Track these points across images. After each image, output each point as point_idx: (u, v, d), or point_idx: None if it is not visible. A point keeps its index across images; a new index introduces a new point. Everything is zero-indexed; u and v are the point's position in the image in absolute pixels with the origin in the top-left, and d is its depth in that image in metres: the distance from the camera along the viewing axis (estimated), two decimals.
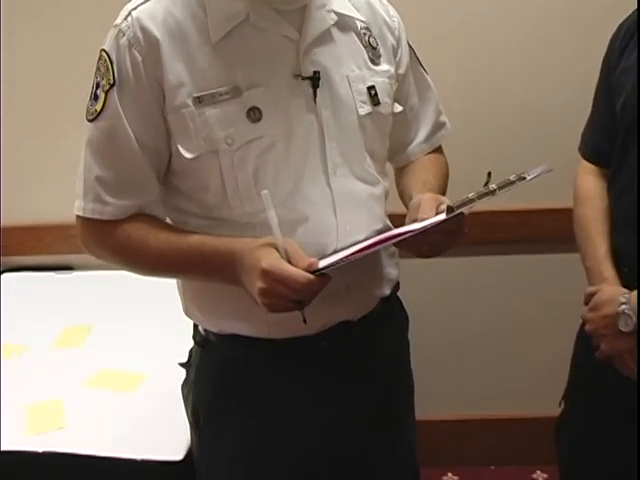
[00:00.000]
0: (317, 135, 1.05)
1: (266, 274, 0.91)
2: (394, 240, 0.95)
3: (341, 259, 0.92)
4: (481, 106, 1.98)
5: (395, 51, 1.19)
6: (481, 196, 0.96)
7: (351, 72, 1.09)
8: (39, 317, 1.90)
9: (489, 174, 1.00)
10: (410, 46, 1.24)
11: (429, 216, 1.01)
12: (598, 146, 1.38)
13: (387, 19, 1.18)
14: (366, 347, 1.14)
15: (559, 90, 1.95)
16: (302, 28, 1.04)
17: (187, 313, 1.16)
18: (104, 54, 1.01)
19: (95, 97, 1.03)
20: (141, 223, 1.05)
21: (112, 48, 1.00)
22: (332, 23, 1.08)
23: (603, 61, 1.38)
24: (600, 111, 1.38)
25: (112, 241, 1.05)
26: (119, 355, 1.71)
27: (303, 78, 1.04)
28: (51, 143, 2.04)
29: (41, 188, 2.09)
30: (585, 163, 1.42)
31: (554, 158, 1.37)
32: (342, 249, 1.01)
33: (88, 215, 1.04)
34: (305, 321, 0.93)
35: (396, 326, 1.25)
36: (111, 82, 1.00)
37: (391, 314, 1.21)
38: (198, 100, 1.00)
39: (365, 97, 1.10)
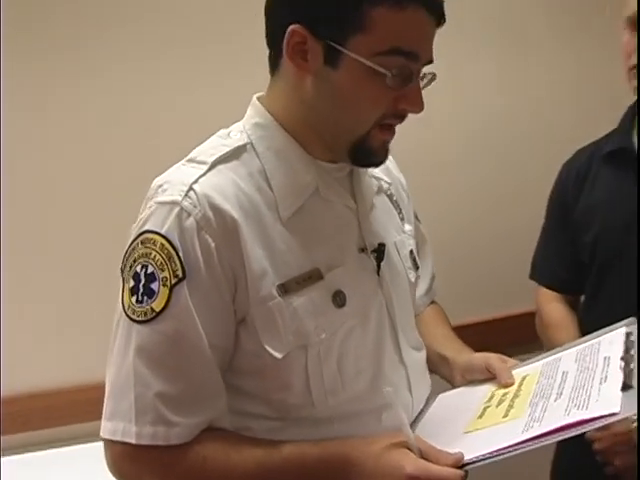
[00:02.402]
0: (386, 311, 0.98)
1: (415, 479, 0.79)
2: (565, 434, 0.84)
3: (491, 453, 0.82)
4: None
5: (408, 208, 1.15)
6: None
7: (396, 238, 1.04)
8: None
9: None
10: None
11: (510, 379, 0.98)
12: (558, 275, 1.47)
13: (398, 175, 1.15)
14: None
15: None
16: (355, 196, 0.97)
17: None
18: (160, 239, 0.82)
19: (147, 293, 0.82)
20: (215, 441, 0.85)
21: (173, 231, 0.82)
22: (376, 189, 1.02)
23: (553, 200, 1.49)
24: (557, 244, 1.46)
25: (182, 469, 0.83)
26: None
27: (368, 251, 0.96)
28: None
29: None
30: (546, 291, 1.49)
31: None
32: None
33: (146, 442, 0.81)
34: None
35: None
36: (180, 275, 0.81)
37: None
38: (283, 289, 0.86)
39: (410, 263, 1.07)
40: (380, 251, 0.97)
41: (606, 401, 0.81)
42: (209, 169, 0.86)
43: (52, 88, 1.52)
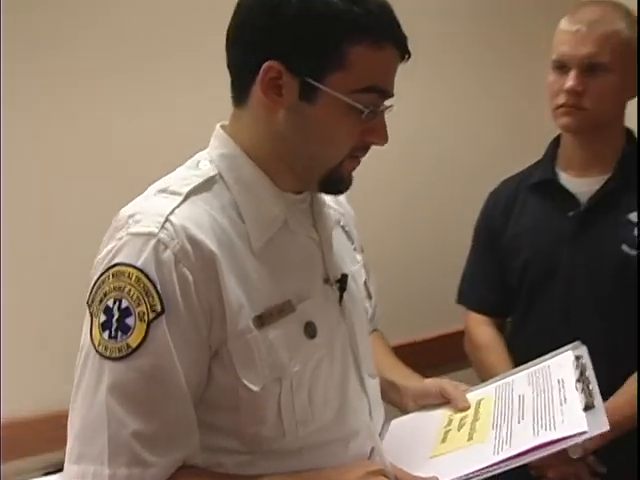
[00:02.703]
0: (348, 341, 0.98)
1: None
2: (541, 454, 0.88)
3: (466, 475, 0.85)
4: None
5: (357, 238, 1.17)
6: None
7: (352, 268, 1.05)
8: None
9: None
10: None
11: (466, 403, 1.02)
12: (486, 299, 1.54)
13: (347, 206, 1.16)
14: None
15: None
16: (317, 227, 0.98)
17: None
18: (135, 272, 0.79)
19: (122, 328, 0.79)
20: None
21: (150, 264, 0.79)
22: (334, 220, 1.04)
23: (480, 227, 1.57)
24: (485, 269, 1.54)
25: None
26: None
27: (332, 282, 0.97)
28: None
29: None
30: (474, 314, 1.56)
31: None
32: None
33: None
34: None
35: None
36: (158, 309, 0.78)
37: None
38: (259, 321, 0.85)
39: (364, 293, 1.08)
40: (343, 281, 0.98)
41: (572, 421, 0.86)
42: (183, 200, 0.84)
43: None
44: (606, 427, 0.84)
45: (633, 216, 1.32)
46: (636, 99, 1.36)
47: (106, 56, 1.52)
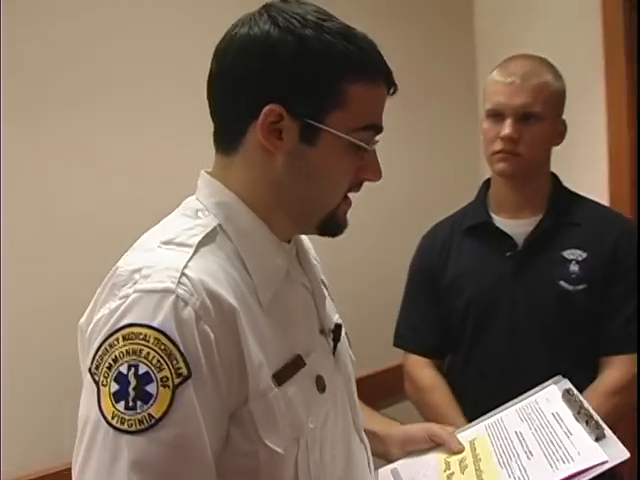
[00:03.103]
0: (346, 392, 0.96)
1: None
2: None
3: None
4: None
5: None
6: None
7: (335, 317, 1.02)
8: None
9: None
10: None
11: (460, 445, 1.04)
12: (426, 341, 1.57)
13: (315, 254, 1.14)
14: None
15: None
16: (307, 274, 0.95)
17: None
18: (154, 333, 0.70)
19: (141, 397, 0.70)
20: None
21: (169, 324, 0.71)
22: (318, 268, 1.01)
23: (416, 270, 1.60)
24: (423, 310, 1.57)
25: None
26: None
27: (327, 333, 0.95)
28: None
29: None
30: (413, 357, 1.58)
31: None
32: None
33: None
34: None
35: None
36: (184, 373, 0.71)
37: None
38: (277, 379, 0.80)
39: (347, 342, 1.05)
40: (337, 332, 0.96)
41: (589, 452, 0.88)
42: (194, 252, 0.78)
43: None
44: (627, 455, 0.87)
45: (567, 253, 1.41)
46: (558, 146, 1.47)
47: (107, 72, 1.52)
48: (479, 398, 1.29)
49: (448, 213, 1.64)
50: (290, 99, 0.80)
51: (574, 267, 1.40)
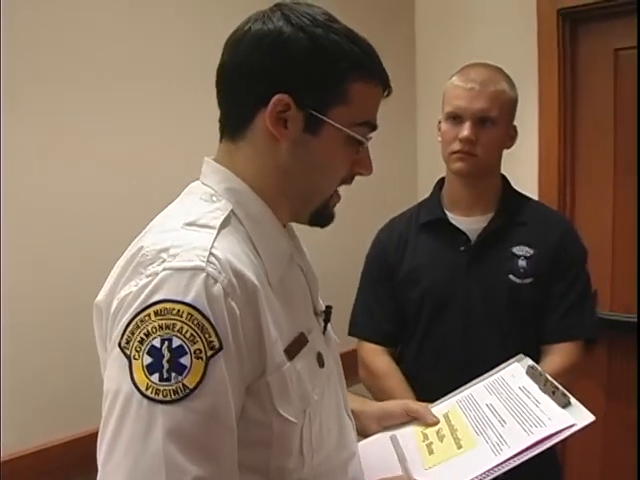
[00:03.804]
0: (335, 365, 1.03)
1: None
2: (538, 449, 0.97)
3: (479, 476, 0.92)
4: None
5: None
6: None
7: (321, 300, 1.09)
8: None
9: None
10: None
11: (436, 418, 1.12)
12: (382, 330, 1.64)
13: None
14: None
15: None
16: (301, 259, 1.01)
17: None
18: (186, 308, 0.74)
19: (175, 369, 0.73)
20: None
21: (201, 300, 0.75)
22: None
23: (372, 263, 1.68)
24: (379, 301, 1.65)
25: None
26: None
27: (319, 313, 1.01)
28: None
29: None
30: (368, 344, 1.66)
31: None
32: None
33: None
34: None
35: None
36: (216, 346, 0.75)
37: None
38: (287, 353, 0.86)
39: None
40: (328, 313, 1.02)
41: (558, 417, 0.98)
42: (218, 233, 0.82)
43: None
44: (592, 418, 0.97)
45: (515, 249, 1.53)
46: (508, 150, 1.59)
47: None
48: (432, 385, 1.36)
49: (387, 211, 1.74)
50: (298, 91, 0.86)
51: (522, 262, 1.52)
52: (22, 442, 1.46)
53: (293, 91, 0.86)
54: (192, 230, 0.82)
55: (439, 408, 1.17)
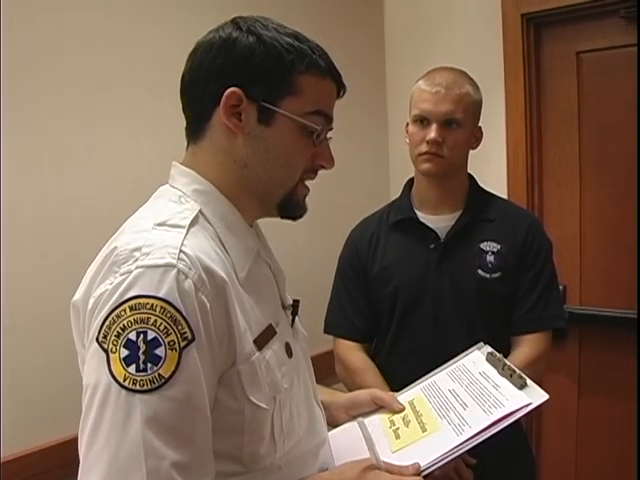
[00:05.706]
0: (303, 357, 1.07)
1: None
2: (497, 428, 1.02)
3: (442, 456, 0.97)
4: None
5: None
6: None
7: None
8: None
9: None
10: None
11: (401, 405, 1.18)
12: (356, 327, 1.69)
13: None
14: None
15: None
16: (268, 255, 1.06)
17: None
18: (159, 302, 0.78)
19: (151, 360, 0.77)
20: None
21: (173, 294, 0.79)
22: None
23: (346, 262, 1.73)
24: (353, 299, 1.70)
25: None
26: None
27: (287, 307, 1.06)
28: None
29: None
30: (344, 341, 1.70)
31: None
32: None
33: None
34: None
35: None
36: (189, 337, 0.79)
37: None
38: (257, 344, 0.90)
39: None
40: (295, 306, 1.07)
41: (515, 398, 1.04)
42: (187, 232, 0.86)
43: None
44: (546, 397, 1.03)
45: (483, 245, 1.59)
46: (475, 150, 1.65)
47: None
48: (406, 378, 1.40)
49: (360, 212, 1.79)
50: (248, 84, 0.92)
51: (490, 257, 1.57)
52: (22, 442, 1.48)
53: (244, 85, 0.92)
54: (163, 230, 0.86)
55: (405, 396, 1.22)
